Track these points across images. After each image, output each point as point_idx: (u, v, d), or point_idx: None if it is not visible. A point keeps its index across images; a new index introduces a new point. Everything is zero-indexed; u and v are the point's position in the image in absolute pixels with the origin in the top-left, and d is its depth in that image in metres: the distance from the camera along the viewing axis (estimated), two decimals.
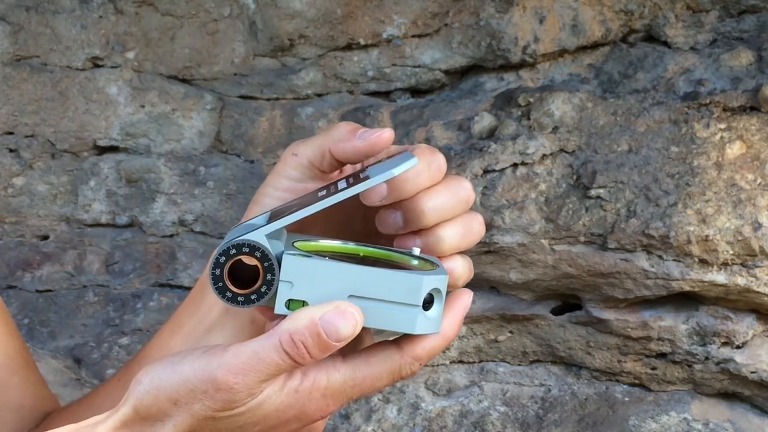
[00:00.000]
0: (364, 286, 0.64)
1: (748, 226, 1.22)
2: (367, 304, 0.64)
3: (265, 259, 0.65)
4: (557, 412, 1.36)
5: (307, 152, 0.73)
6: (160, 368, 0.65)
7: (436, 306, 0.66)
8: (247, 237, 0.65)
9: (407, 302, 0.64)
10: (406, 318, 0.64)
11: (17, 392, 0.89)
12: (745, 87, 1.26)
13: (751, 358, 1.29)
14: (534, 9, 1.33)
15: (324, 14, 1.36)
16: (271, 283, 0.65)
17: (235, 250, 0.65)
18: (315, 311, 0.63)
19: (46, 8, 1.38)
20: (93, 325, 1.40)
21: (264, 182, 0.76)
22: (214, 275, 0.65)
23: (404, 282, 0.64)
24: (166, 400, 0.64)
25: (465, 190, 0.70)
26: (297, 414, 0.66)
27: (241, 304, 0.65)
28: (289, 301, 0.64)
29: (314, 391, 0.65)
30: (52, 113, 1.40)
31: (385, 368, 0.67)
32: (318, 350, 0.63)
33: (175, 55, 1.40)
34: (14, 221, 1.42)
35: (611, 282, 1.27)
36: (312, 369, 0.65)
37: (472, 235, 0.71)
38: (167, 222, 1.41)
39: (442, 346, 0.68)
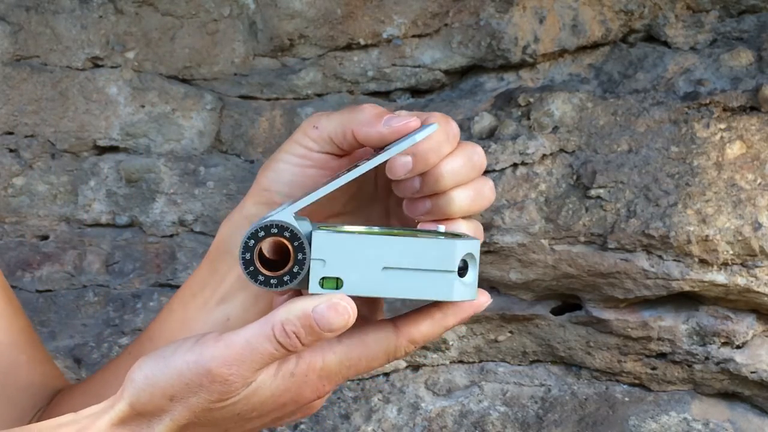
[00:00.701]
0: (398, 257, 0.63)
1: (748, 226, 1.22)
2: (403, 274, 0.63)
3: (295, 238, 0.64)
4: (557, 412, 1.36)
5: (329, 127, 0.73)
6: (153, 363, 0.64)
7: (471, 272, 0.65)
8: (273, 218, 0.64)
9: (443, 269, 0.63)
10: (443, 285, 0.63)
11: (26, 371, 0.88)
12: (745, 87, 1.26)
13: (751, 358, 1.29)
14: (534, 9, 1.33)
15: (324, 14, 1.36)
16: (303, 262, 0.64)
17: (263, 232, 0.64)
18: (308, 303, 0.63)
19: (46, 8, 1.38)
20: (93, 325, 1.40)
21: (279, 149, 0.75)
22: (245, 260, 0.64)
23: (438, 248, 0.63)
24: (161, 395, 0.64)
25: (478, 155, 0.70)
26: (294, 397, 0.66)
27: (274, 286, 0.64)
28: (323, 279, 0.63)
29: (310, 373, 0.65)
30: (52, 113, 1.40)
31: (381, 348, 0.66)
32: (310, 340, 0.63)
33: (175, 55, 1.40)
34: (14, 221, 1.42)
35: (611, 282, 1.27)
36: (307, 351, 0.65)
37: (483, 199, 0.71)
38: (167, 222, 1.41)
39: (439, 333, 0.67)
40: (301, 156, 0.74)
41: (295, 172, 0.74)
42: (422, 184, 0.69)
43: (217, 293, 0.79)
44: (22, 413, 0.88)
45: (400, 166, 0.68)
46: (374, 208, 0.77)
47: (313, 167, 0.74)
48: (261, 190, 0.76)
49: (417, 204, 0.70)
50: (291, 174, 0.74)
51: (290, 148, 0.74)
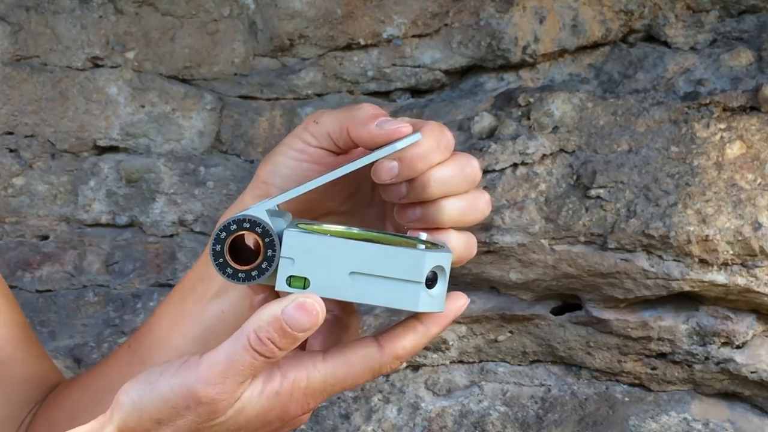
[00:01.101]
0: (366, 263, 0.63)
1: (748, 226, 1.22)
2: (370, 281, 0.63)
3: (266, 234, 0.64)
4: (557, 412, 1.36)
5: (328, 123, 0.73)
6: (139, 387, 0.65)
7: (440, 284, 0.65)
8: (247, 212, 0.64)
9: (410, 279, 0.63)
10: (408, 295, 0.64)
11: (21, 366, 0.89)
12: (745, 87, 1.26)
13: (751, 358, 1.29)
14: (534, 9, 1.33)
15: (324, 14, 1.36)
16: (272, 259, 0.64)
17: (235, 226, 0.64)
18: (276, 306, 0.63)
19: (46, 8, 1.38)
20: (93, 325, 1.40)
21: (280, 142, 0.76)
22: (215, 251, 0.64)
23: (406, 258, 0.63)
24: (149, 419, 0.64)
25: (472, 167, 0.70)
26: (279, 414, 0.66)
27: (242, 280, 0.65)
28: (291, 278, 0.64)
29: (295, 392, 0.66)
30: (52, 113, 1.40)
31: (366, 367, 0.67)
32: (285, 343, 0.63)
33: (175, 55, 1.40)
34: (14, 221, 1.42)
35: (611, 282, 1.27)
36: (291, 369, 0.66)
37: (476, 212, 0.70)
38: (167, 222, 1.41)
39: (423, 344, 0.67)
40: (299, 150, 0.74)
41: (291, 166, 0.74)
42: (409, 191, 0.69)
43: (213, 286, 0.79)
44: (17, 408, 0.88)
45: (385, 171, 0.68)
46: (370, 211, 0.77)
47: (309, 162, 0.74)
48: (259, 183, 0.76)
49: (407, 211, 0.70)
50: (287, 168, 0.74)
51: (290, 142, 0.75)
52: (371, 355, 0.67)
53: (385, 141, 0.69)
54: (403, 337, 0.67)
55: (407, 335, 0.67)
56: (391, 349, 0.67)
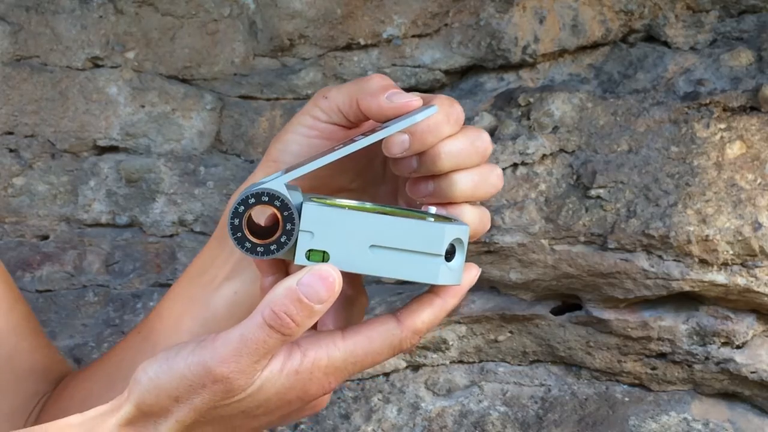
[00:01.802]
0: (386, 236, 0.63)
1: (748, 226, 1.22)
2: (389, 254, 0.63)
3: (285, 208, 0.63)
4: (557, 412, 1.36)
5: (338, 98, 0.72)
6: (156, 365, 0.65)
7: (458, 257, 0.65)
8: (265, 186, 0.64)
9: (430, 251, 0.63)
10: (428, 268, 0.63)
11: (28, 357, 0.89)
12: (745, 87, 1.26)
13: (751, 358, 1.29)
14: (534, 9, 1.33)
15: (324, 14, 1.36)
16: (291, 233, 0.63)
17: (254, 199, 0.63)
18: (291, 279, 0.63)
19: (46, 8, 1.38)
20: (93, 325, 1.40)
21: (290, 121, 0.75)
22: (233, 225, 0.63)
23: (427, 231, 0.63)
24: (166, 397, 0.64)
25: (483, 141, 0.70)
26: (299, 394, 0.66)
27: (261, 254, 0.64)
28: (310, 252, 0.63)
29: (315, 371, 0.65)
30: (52, 113, 1.40)
31: (386, 343, 0.66)
32: (302, 316, 0.62)
33: (175, 55, 1.40)
34: (14, 221, 1.42)
35: (611, 282, 1.27)
36: (311, 348, 0.65)
37: (488, 185, 0.70)
38: (167, 222, 1.41)
39: (441, 318, 0.67)
40: (309, 126, 0.73)
41: (301, 143, 0.74)
42: (420, 164, 0.68)
43: (224, 269, 0.79)
44: (25, 399, 0.88)
45: (396, 144, 0.67)
46: (382, 188, 0.77)
47: (320, 137, 0.73)
48: (270, 161, 0.76)
49: (419, 185, 0.70)
50: (297, 144, 0.74)
51: (300, 119, 0.74)
52: (391, 330, 0.66)
53: (395, 114, 0.68)
54: (421, 311, 0.67)
55: (425, 309, 0.67)
56: (410, 324, 0.66)
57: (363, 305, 0.72)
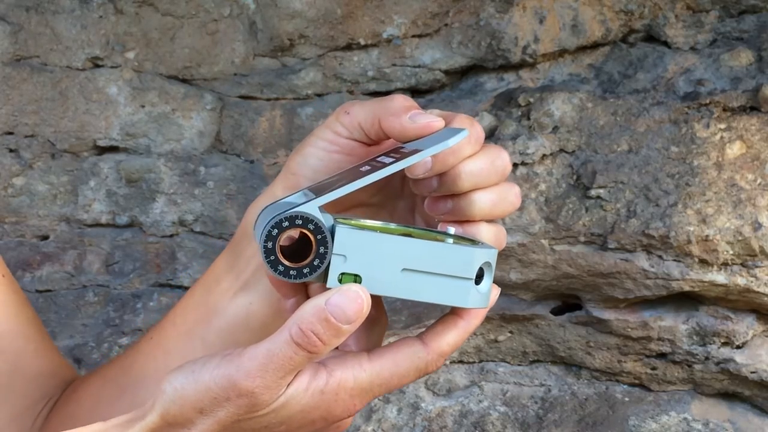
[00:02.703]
0: (418, 260, 0.63)
1: (748, 226, 1.22)
2: (420, 277, 0.63)
3: (319, 231, 0.63)
4: (557, 412, 1.36)
5: (360, 114, 0.72)
6: (182, 377, 0.65)
7: (486, 280, 0.66)
8: (300, 209, 0.64)
9: (460, 275, 0.64)
10: (458, 292, 0.64)
11: (34, 360, 0.89)
12: (745, 87, 1.26)
13: (751, 358, 1.29)
14: (534, 9, 1.33)
15: (324, 14, 1.36)
16: (324, 256, 0.63)
17: (287, 223, 0.63)
18: (320, 298, 0.63)
19: (46, 8, 1.38)
20: (93, 325, 1.40)
21: (311, 133, 0.75)
22: (266, 248, 0.64)
23: (458, 255, 0.64)
24: (191, 408, 0.64)
25: (502, 160, 0.70)
26: (323, 414, 0.66)
27: (293, 278, 0.64)
28: (342, 275, 0.63)
29: (341, 392, 0.65)
30: (52, 113, 1.40)
31: (412, 365, 0.67)
32: (329, 336, 0.62)
33: (175, 55, 1.40)
34: (14, 221, 1.42)
35: (611, 282, 1.27)
36: (338, 368, 0.65)
37: (506, 204, 0.71)
38: (167, 222, 1.41)
39: (464, 338, 0.68)
40: (329, 141, 0.74)
41: (321, 157, 0.74)
42: (440, 184, 0.69)
43: (241, 278, 0.79)
44: (32, 402, 0.88)
45: (420, 166, 0.67)
46: (399, 204, 0.77)
47: (340, 153, 0.73)
48: (289, 174, 0.76)
49: (438, 203, 0.70)
50: (317, 158, 0.74)
51: (321, 133, 0.74)
52: (417, 353, 0.67)
53: (416, 135, 0.69)
54: (446, 333, 0.67)
55: (450, 331, 0.68)
56: (436, 347, 0.67)
57: (384, 327, 0.72)
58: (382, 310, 0.72)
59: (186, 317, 0.81)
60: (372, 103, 0.72)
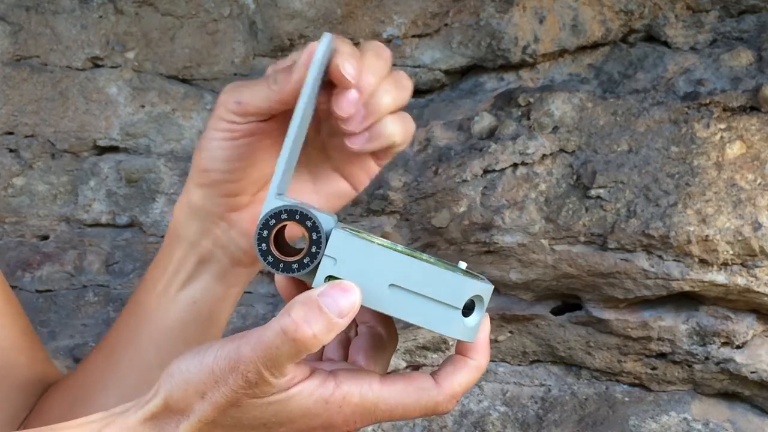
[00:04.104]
0: (408, 278, 0.63)
1: (748, 226, 1.22)
2: (408, 296, 0.63)
3: (315, 230, 0.63)
4: (557, 412, 1.36)
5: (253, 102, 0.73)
6: (188, 360, 0.64)
7: (476, 315, 0.64)
8: (299, 205, 0.64)
9: (448, 303, 0.63)
10: (444, 319, 0.63)
11: (25, 371, 0.89)
12: (745, 87, 1.26)
13: (751, 358, 1.29)
14: (534, 9, 1.33)
15: (324, 14, 1.36)
16: (315, 255, 0.63)
17: (286, 216, 0.63)
18: (311, 291, 0.62)
19: (46, 8, 1.38)
20: (93, 325, 1.40)
21: (206, 126, 0.76)
22: (261, 236, 0.63)
23: (448, 281, 0.63)
24: (194, 393, 0.64)
25: (383, 49, 0.71)
26: (323, 423, 0.65)
27: (281, 270, 0.64)
28: (329, 278, 0.63)
29: (344, 405, 0.64)
30: (52, 113, 1.40)
31: (421, 401, 0.66)
32: (320, 327, 0.61)
33: (175, 55, 1.40)
34: (14, 221, 1.42)
35: (611, 282, 1.27)
36: (347, 382, 0.65)
37: (404, 90, 0.72)
38: (167, 222, 1.41)
39: (477, 378, 0.67)
40: (228, 131, 0.74)
41: (225, 146, 0.74)
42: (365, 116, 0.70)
43: (178, 278, 0.79)
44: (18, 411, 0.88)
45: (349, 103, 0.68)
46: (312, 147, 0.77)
47: (244, 136, 0.74)
48: (200, 171, 0.76)
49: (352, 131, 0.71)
50: (222, 149, 0.74)
51: (216, 125, 0.75)
52: (428, 390, 0.66)
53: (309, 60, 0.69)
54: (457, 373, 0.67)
55: (461, 372, 0.67)
56: (448, 387, 0.66)
57: (393, 347, 0.72)
58: (393, 331, 0.71)
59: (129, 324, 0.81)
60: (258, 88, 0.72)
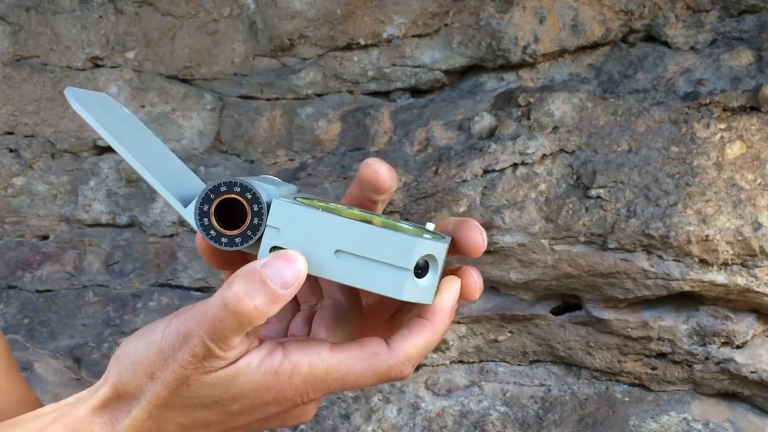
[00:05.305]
0: (353, 242, 0.60)
1: (748, 226, 1.22)
2: (355, 261, 0.61)
3: (255, 201, 0.61)
4: (557, 412, 1.36)
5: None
6: (135, 341, 0.62)
7: (431, 275, 0.62)
8: (241, 178, 0.62)
9: (397, 264, 0.60)
10: (394, 281, 0.60)
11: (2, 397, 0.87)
12: (745, 87, 1.26)
13: (751, 358, 1.29)
14: (534, 9, 1.33)
15: (324, 14, 1.36)
16: (257, 227, 0.62)
17: (225, 188, 0.62)
18: (255, 262, 0.60)
19: (46, 8, 1.38)
20: (93, 325, 1.40)
21: None
22: (201, 211, 0.62)
23: (395, 242, 0.60)
24: (143, 373, 0.62)
25: None
26: (276, 396, 0.63)
27: (225, 245, 0.62)
28: (274, 248, 0.61)
29: (294, 376, 0.63)
30: (52, 113, 1.40)
31: (372, 366, 0.63)
32: (262, 299, 0.59)
33: (175, 55, 1.40)
34: (14, 221, 1.42)
35: (611, 282, 1.27)
36: (295, 352, 0.63)
37: None
38: (167, 222, 1.41)
39: (434, 342, 0.64)
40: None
41: None
42: None
43: None
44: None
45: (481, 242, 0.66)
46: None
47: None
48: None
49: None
50: None
51: None
52: (379, 354, 0.63)
53: None
54: (411, 336, 0.64)
55: (415, 334, 0.64)
56: (401, 350, 0.63)
57: (359, 319, 0.70)
58: (358, 302, 0.70)
59: None
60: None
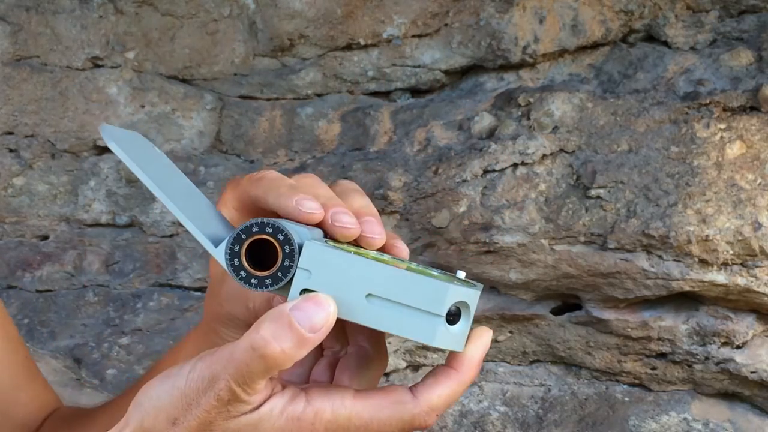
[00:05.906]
0: (385, 287, 0.60)
1: (748, 226, 1.22)
2: (387, 306, 0.60)
3: (287, 243, 0.61)
4: (557, 412, 1.36)
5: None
6: (158, 386, 0.62)
7: (463, 322, 0.61)
8: (273, 219, 0.62)
9: (429, 310, 0.60)
10: (425, 327, 0.60)
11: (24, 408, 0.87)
12: (745, 87, 1.26)
13: (751, 358, 1.29)
14: (534, 9, 1.33)
15: (324, 14, 1.36)
16: (288, 269, 0.61)
17: (257, 228, 0.61)
18: (284, 305, 0.60)
19: (46, 8, 1.38)
20: (93, 325, 1.40)
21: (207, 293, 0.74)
22: (232, 251, 0.61)
23: (428, 288, 0.60)
24: (165, 419, 0.61)
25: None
26: None
27: (255, 286, 0.61)
28: (304, 291, 0.60)
29: (317, 422, 0.62)
30: (52, 113, 1.40)
31: (396, 415, 0.62)
32: (290, 343, 0.59)
33: (175, 55, 1.40)
34: (14, 221, 1.42)
35: (611, 282, 1.27)
36: (318, 398, 0.62)
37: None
38: (167, 222, 1.41)
39: (460, 392, 0.63)
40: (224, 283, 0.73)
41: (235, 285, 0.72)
42: None
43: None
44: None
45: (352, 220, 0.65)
46: None
47: None
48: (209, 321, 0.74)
49: None
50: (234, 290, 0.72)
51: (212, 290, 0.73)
52: (404, 403, 0.63)
53: None
54: (437, 386, 0.63)
55: (441, 384, 0.63)
56: (425, 399, 0.63)
57: (383, 367, 0.69)
58: (383, 348, 0.69)
59: None
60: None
